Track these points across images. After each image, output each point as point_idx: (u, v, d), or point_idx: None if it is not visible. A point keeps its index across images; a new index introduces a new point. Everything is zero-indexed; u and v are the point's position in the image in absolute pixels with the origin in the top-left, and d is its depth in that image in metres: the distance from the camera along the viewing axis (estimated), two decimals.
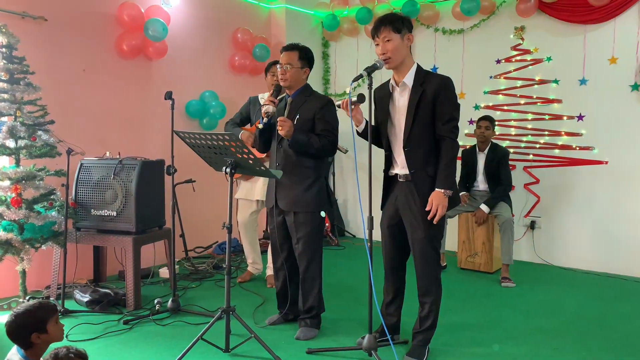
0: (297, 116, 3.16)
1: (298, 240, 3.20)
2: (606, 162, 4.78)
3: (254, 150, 3.92)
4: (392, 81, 2.89)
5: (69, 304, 3.69)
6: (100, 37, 4.50)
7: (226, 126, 4.28)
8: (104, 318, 3.51)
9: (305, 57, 3.23)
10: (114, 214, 3.76)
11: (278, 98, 3.27)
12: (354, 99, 2.78)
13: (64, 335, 2.17)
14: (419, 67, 2.83)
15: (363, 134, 2.88)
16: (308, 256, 3.20)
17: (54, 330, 2.01)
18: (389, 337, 2.73)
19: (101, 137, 4.50)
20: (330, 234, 5.93)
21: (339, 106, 2.94)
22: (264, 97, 4.20)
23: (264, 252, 5.02)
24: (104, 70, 4.54)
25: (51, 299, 3.83)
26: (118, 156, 3.92)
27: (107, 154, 4.01)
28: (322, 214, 3.22)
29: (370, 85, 2.69)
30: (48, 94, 3.82)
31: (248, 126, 4.28)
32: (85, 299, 3.68)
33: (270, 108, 3.13)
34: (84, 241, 3.85)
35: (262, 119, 3.15)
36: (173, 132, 3.34)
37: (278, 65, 3.25)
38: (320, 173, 3.25)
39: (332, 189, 6.47)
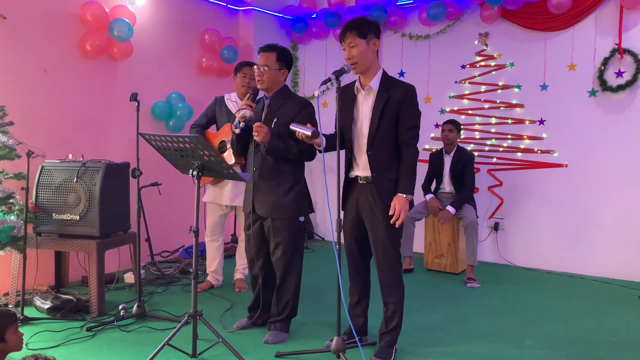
0: (275, 119, 3.09)
1: (276, 246, 3.14)
2: (566, 165, 4.94)
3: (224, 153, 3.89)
4: (357, 84, 2.91)
5: (29, 311, 3.57)
6: (62, 36, 4.38)
7: (191, 130, 4.17)
8: (65, 325, 3.41)
9: (284, 58, 3.15)
10: (77, 218, 3.67)
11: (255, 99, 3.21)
12: (309, 133, 2.75)
13: (24, 344, 2.10)
14: (384, 73, 2.88)
15: (327, 149, 2.88)
16: (286, 262, 3.15)
17: (12, 339, 1.95)
18: (357, 338, 2.75)
19: (63, 139, 4.38)
20: None
21: (309, 114, 2.93)
22: (230, 97, 4.14)
23: (230, 256, 4.98)
24: (66, 70, 4.42)
25: (10, 306, 3.70)
26: (81, 159, 3.83)
27: (70, 156, 3.90)
28: (301, 218, 3.19)
29: (338, 88, 2.72)
30: (7, 94, 3.70)
31: (214, 128, 4.22)
32: (46, 306, 3.57)
33: (247, 112, 3.04)
34: (45, 246, 3.73)
35: (239, 123, 3.06)
36: (138, 135, 3.27)
37: (255, 67, 3.16)
38: (300, 177, 3.19)
39: None
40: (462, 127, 4.93)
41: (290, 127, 2.86)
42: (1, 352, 1.93)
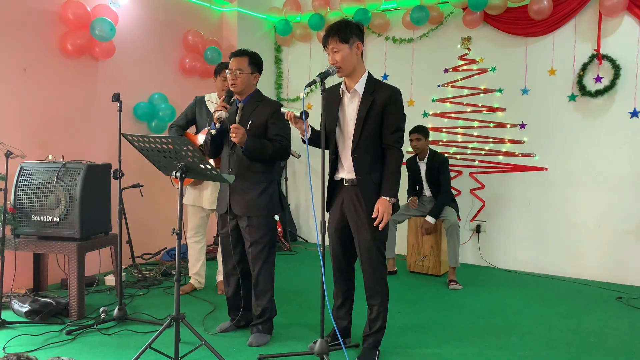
0: (250, 122, 3.16)
1: (252, 244, 3.18)
2: (546, 169, 5.02)
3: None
4: (342, 86, 2.92)
5: (6, 315, 3.49)
6: (42, 35, 4.31)
7: (170, 131, 4.13)
8: (44, 329, 3.35)
9: (255, 62, 3.24)
10: (57, 219, 3.61)
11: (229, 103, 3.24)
12: (297, 114, 2.79)
13: (0, 350, 2.04)
14: (369, 75, 2.89)
15: (311, 142, 2.90)
16: (261, 260, 3.19)
17: None
18: (341, 341, 2.75)
19: (43, 139, 4.31)
20: (282, 239, 5.91)
21: (283, 114, 2.95)
22: (211, 97, 4.13)
23: (212, 258, 4.95)
24: (46, 69, 4.36)
25: None
26: (62, 159, 3.77)
27: (50, 157, 3.84)
28: (276, 217, 3.23)
29: (323, 91, 2.73)
30: None
31: (194, 129, 4.18)
32: (24, 309, 3.50)
33: (223, 114, 3.09)
34: (24, 248, 3.66)
35: (214, 124, 3.11)
36: (120, 135, 3.24)
37: (227, 71, 3.22)
38: (273, 177, 3.27)
39: (285, 193, 6.46)
40: (444, 130, 4.95)
41: (281, 109, 2.95)
42: None
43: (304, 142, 2.88)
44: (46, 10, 4.33)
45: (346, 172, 2.91)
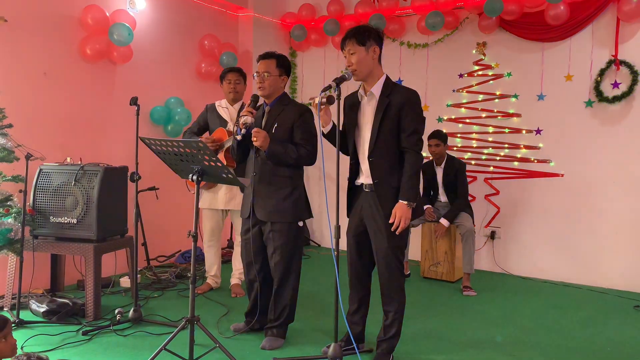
0: (275, 125, 3.14)
1: (275, 250, 3.15)
2: (562, 175, 4.97)
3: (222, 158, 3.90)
4: (361, 90, 2.93)
5: (25, 315, 3.55)
6: (62, 39, 4.39)
7: (184, 136, 4.23)
8: (61, 329, 3.39)
9: (283, 64, 3.21)
10: (74, 221, 3.66)
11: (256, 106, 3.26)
12: (324, 100, 2.77)
13: (18, 349, 2.05)
14: (387, 79, 2.88)
15: (329, 136, 2.90)
16: (284, 267, 3.16)
17: (3, 347, 1.90)
18: (355, 345, 2.75)
19: (62, 142, 4.37)
20: None
21: (309, 104, 2.94)
22: (221, 103, 4.20)
23: (227, 261, 4.97)
24: (66, 73, 4.43)
25: (5, 309, 3.68)
26: (79, 162, 3.82)
27: (68, 159, 3.90)
28: (301, 223, 3.21)
29: (338, 96, 2.73)
30: (7, 97, 3.70)
31: (207, 134, 4.25)
32: (42, 309, 3.55)
33: (249, 119, 3.08)
34: (42, 249, 3.72)
35: (240, 130, 3.11)
36: (138, 139, 3.28)
37: (255, 74, 3.21)
38: (299, 182, 3.22)
39: None
40: (459, 135, 4.93)
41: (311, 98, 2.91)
42: None
43: (323, 134, 2.88)
44: (66, 15, 4.41)
45: (365, 176, 2.90)
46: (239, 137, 3.13)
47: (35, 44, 4.21)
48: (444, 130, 4.90)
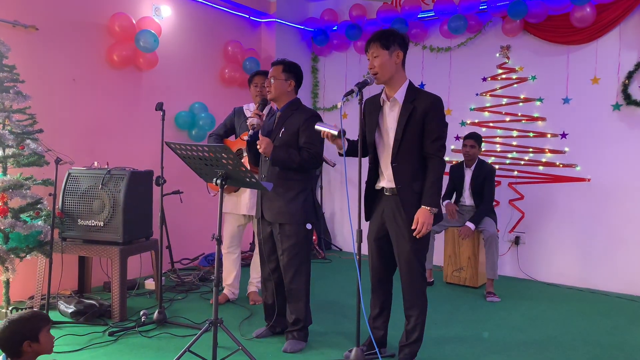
0: (283, 129, 3.21)
1: (283, 252, 3.21)
2: (589, 180, 4.89)
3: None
4: (383, 95, 2.93)
5: (53, 315, 3.64)
6: (91, 47, 4.50)
7: (209, 139, 4.25)
8: (88, 329, 3.47)
9: (289, 69, 3.28)
10: (101, 224, 3.74)
11: (268, 112, 3.33)
12: (334, 132, 2.77)
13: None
14: (410, 84, 2.88)
15: (348, 153, 2.91)
16: (293, 268, 3.21)
17: (45, 340, 2.01)
18: (377, 350, 2.75)
19: (90, 146, 4.48)
20: (317, 247, 5.94)
21: (313, 122, 2.96)
22: (249, 107, 4.23)
23: (247, 265, 4.97)
24: (94, 80, 4.54)
25: (35, 309, 3.77)
26: (106, 166, 3.91)
27: (95, 163, 3.99)
28: (309, 226, 3.24)
29: (360, 100, 2.74)
30: (37, 102, 3.80)
31: (232, 138, 4.28)
32: (70, 310, 3.64)
33: (255, 120, 3.21)
34: (70, 251, 3.81)
35: (248, 131, 3.24)
36: (163, 143, 3.34)
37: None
38: (307, 185, 3.27)
39: (320, 202, 6.49)
40: (482, 139, 4.88)
41: (316, 127, 2.88)
42: (33, 353, 1.99)
43: (340, 155, 2.90)
44: (94, 23, 4.52)
45: (386, 181, 2.90)
46: (247, 139, 3.26)
47: (65, 51, 4.32)
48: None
